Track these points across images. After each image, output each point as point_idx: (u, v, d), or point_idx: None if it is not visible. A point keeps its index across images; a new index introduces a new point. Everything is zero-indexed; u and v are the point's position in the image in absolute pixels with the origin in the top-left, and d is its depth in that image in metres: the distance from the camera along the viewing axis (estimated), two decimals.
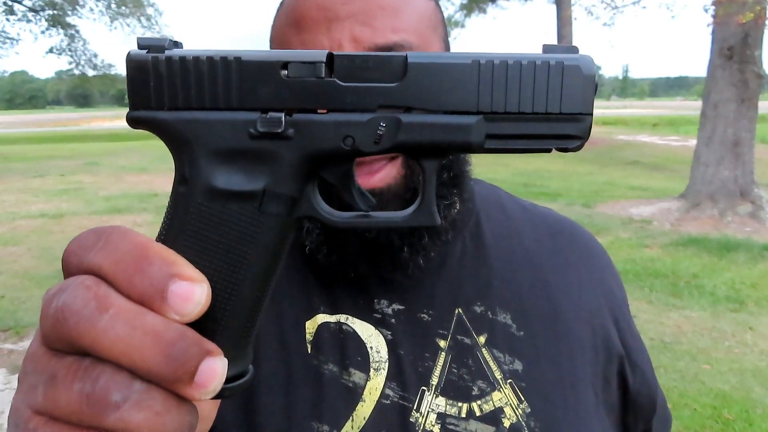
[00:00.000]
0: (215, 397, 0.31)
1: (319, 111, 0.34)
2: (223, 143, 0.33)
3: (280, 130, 0.33)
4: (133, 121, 0.34)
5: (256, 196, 0.33)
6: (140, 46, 0.34)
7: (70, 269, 0.31)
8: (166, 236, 0.34)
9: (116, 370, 0.28)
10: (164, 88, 0.33)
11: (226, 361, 0.30)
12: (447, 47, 0.67)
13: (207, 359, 0.29)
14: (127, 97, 0.34)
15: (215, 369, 0.29)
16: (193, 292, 0.29)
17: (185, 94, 0.33)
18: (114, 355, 0.28)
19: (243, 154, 0.33)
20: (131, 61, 0.34)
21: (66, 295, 0.29)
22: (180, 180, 0.34)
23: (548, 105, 0.34)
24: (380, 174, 0.59)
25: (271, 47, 0.66)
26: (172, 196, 0.34)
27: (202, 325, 0.31)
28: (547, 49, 0.35)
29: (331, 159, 0.34)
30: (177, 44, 0.35)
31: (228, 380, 0.31)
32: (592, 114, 0.35)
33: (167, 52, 0.34)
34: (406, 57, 0.34)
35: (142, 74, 0.34)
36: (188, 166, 0.33)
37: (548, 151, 0.36)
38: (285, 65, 0.33)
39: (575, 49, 0.35)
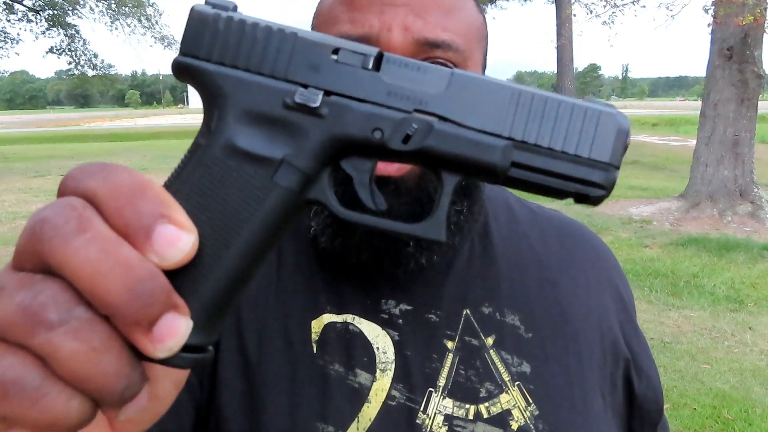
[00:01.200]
0: (167, 363, 0.29)
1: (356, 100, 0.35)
2: (256, 105, 0.34)
3: (315, 105, 0.34)
4: (177, 67, 0.35)
5: (272, 163, 0.33)
6: (207, 2, 0.35)
7: (65, 191, 0.29)
8: (171, 182, 0.33)
9: (62, 289, 0.26)
10: (217, 43, 0.34)
11: (191, 323, 0.29)
12: (485, 62, 0.68)
13: (171, 312, 0.27)
14: (180, 43, 0.35)
15: (177, 326, 0.27)
16: (179, 238, 0.28)
17: (234, 53, 0.34)
18: (78, 278, 0.26)
19: (272, 121, 0.34)
20: (195, 12, 0.35)
21: (49, 210, 0.27)
22: (203, 132, 0.34)
23: (578, 147, 0.35)
24: (399, 164, 0.59)
25: (316, 22, 0.66)
26: (191, 146, 0.34)
27: (178, 281, 0.29)
28: (587, 100, 0.36)
29: (356, 148, 0.35)
30: (236, 9, 0.36)
31: (186, 349, 0.29)
32: (618, 168, 0.35)
33: (230, 12, 0.35)
34: (452, 72, 0.35)
35: (200, 25, 0.35)
36: (216, 119, 0.34)
37: (569, 196, 0.36)
38: (336, 50, 0.34)
39: (613, 106, 0.36)
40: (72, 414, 0.27)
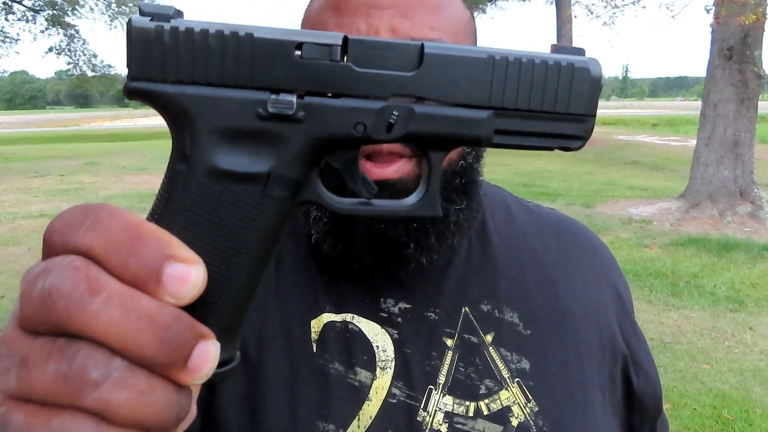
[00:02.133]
0: (205, 383, 0.30)
1: (330, 95, 0.33)
2: (229, 122, 0.32)
3: (291, 113, 0.32)
4: (131, 93, 0.32)
5: (260, 178, 0.32)
6: (143, 13, 0.32)
7: (54, 249, 0.28)
8: (160, 215, 0.32)
9: (94, 348, 0.27)
10: (168, 60, 0.31)
11: (218, 345, 0.29)
12: None
13: (200, 343, 0.28)
14: (126, 65, 0.32)
15: (208, 353, 0.28)
16: (189, 274, 0.28)
17: (190, 68, 0.32)
18: (107, 340, 0.26)
19: (249, 135, 0.32)
20: (134, 28, 0.31)
21: (53, 277, 0.27)
22: (179, 158, 0.32)
23: (557, 104, 0.35)
24: (395, 166, 0.59)
25: (303, 27, 0.65)
26: (168, 174, 0.32)
27: (195, 309, 0.29)
28: (556, 49, 0.36)
29: (341, 145, 0.34)
30: (179, 13, 0.33)
31: (217, 365, 0.30)
32: (595, 116, 0.36)
33: (173, 22, 0.31)
34: (422, 46, 0.34)
35: (144, 43, 0.31)
36: (189, 143, 0.32)
37: (550, 149, 0.36)
38: (299, 46, 0.32)
39: (582, 51, 0.36)
40: None
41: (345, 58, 0.33)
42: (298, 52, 0.32)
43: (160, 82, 0.32)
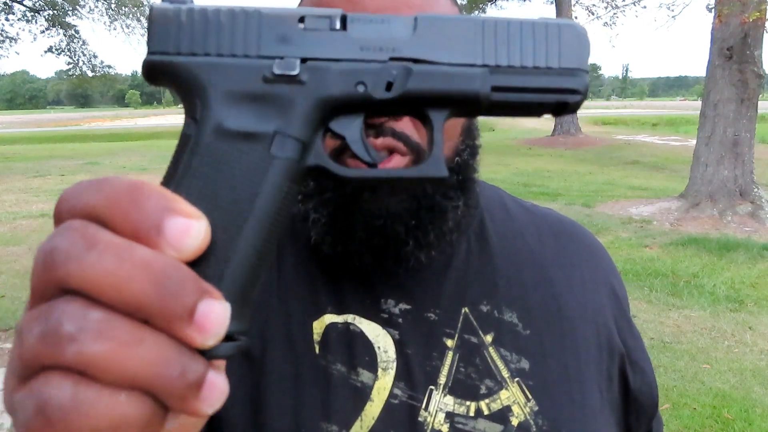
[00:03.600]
0: (213, 355, 0.28)
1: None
2: (237, 85, 0.34)
3: (294, 73, 0.34)
4: (149, 67, 0.35)
5: (266, 137, 0.34)
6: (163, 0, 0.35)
7: (61, 216, 0.28)
8: (169, 178, 0.33)
9: (71, 301, 0.26)
10: (184, 36, 0.34)
11: (228, 306, 0.28)
12: None
13: (206, 299, 0.26)
14: (146, 43, 0.35)
15: (216, 310, 0.26)
16: (190, 226, 0.27)
17: (203, 41, 0.34)
18: (102, 291, 0.25)
19: (256, 98, 0.34)
20: (155, 11, 0.35)
21: (53, 239, 0.27)
22: (189, 123, 0.34)
23: (548, 59, 0.37)
24: (390, 162, 0.59)
25: None
26: (179, 141, 0.34)
27: (201, 271, 0.29)
28: (543, 19, 0.39)
29: (343, 106, 0.36)
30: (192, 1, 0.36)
31: (225, 338, 0.29)
32: (588, 71, 0.38)
33: (189, 4, 0.35)
34: (416, 17, 0.37)
35: (163, 22, 0.34)
36: (200, 108, 0.34)
37: (549, 109, 0.38)
38: (302, 18, 0.35)
39: (571, 20, 0.39)
40: (131, 414, 0.26)
41: (344, 30, 0.36)
42: (301, 25, 0.35)
43: (175, 55, 0.34)
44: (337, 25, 0.35)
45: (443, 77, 0.36)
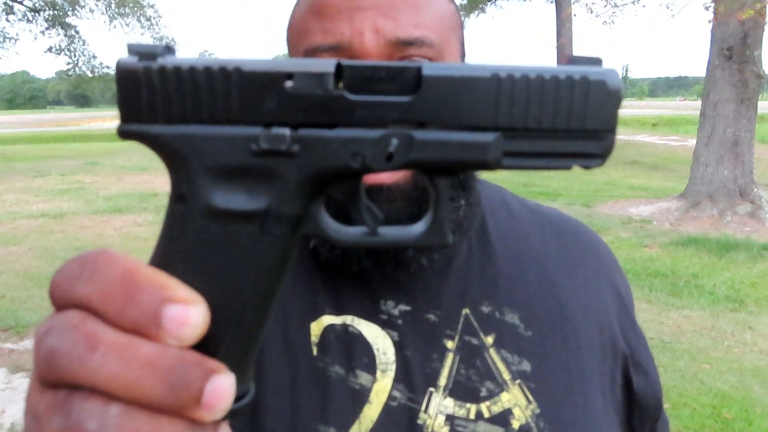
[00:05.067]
0: (222, 420, 0.29)
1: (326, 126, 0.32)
2: (223, 160, 0.31)
3: (284, 148, 0.31)
4: (123, 135, 0.32)
5: (258, 216, 0.31)
6: (131, 53, 0.31)
7: (57, 303, 0.29)
8: (161, 258, 0.32)
9: (89, 398, 0.27)
10: (157, 100, 0.31)
11: (233, 376, 0.28)
12: (464, 50, 0.68)
13: (212, 378, 0.27)
14: (117, 108, 0.31)
15: (222, 387, 0.28)
16: (188, 314, 0.28)
17: (181, 106, 0.31)
18: (113, 392, 0.27)
19: (244, 172, 0.31)
20: (122, 70, 0.31)
21: (53, 338, 0.27)
22: (177, 198, 0.32)
23: (571, 122, 0.32)
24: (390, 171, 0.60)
25: (289, 35, 0.66)
26: (167, 214, 0.32)
27: (204, 349, 0.29)
28: (570, 60, 0.33)
29: (339, 177, 0.32)
30: (170, 49, 0.32)
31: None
32: (615, 131, 0.33)
33: (160, 60, 0.31)
34: (420, 68, 0.31)
35: (132, 84, 0.31)
36: (186, 184, 0.31)
37: (567, 169, 0.33)
38: (290, 76, 0.31)
39: (599, 61, 0.33)
40: None
41: (339, 85, 0.31)
42: (289, 83, 0.31)
43: (151, 123, 0.31)
44: (330, 85, 0.31)
45: (449, 146, 0.32)
